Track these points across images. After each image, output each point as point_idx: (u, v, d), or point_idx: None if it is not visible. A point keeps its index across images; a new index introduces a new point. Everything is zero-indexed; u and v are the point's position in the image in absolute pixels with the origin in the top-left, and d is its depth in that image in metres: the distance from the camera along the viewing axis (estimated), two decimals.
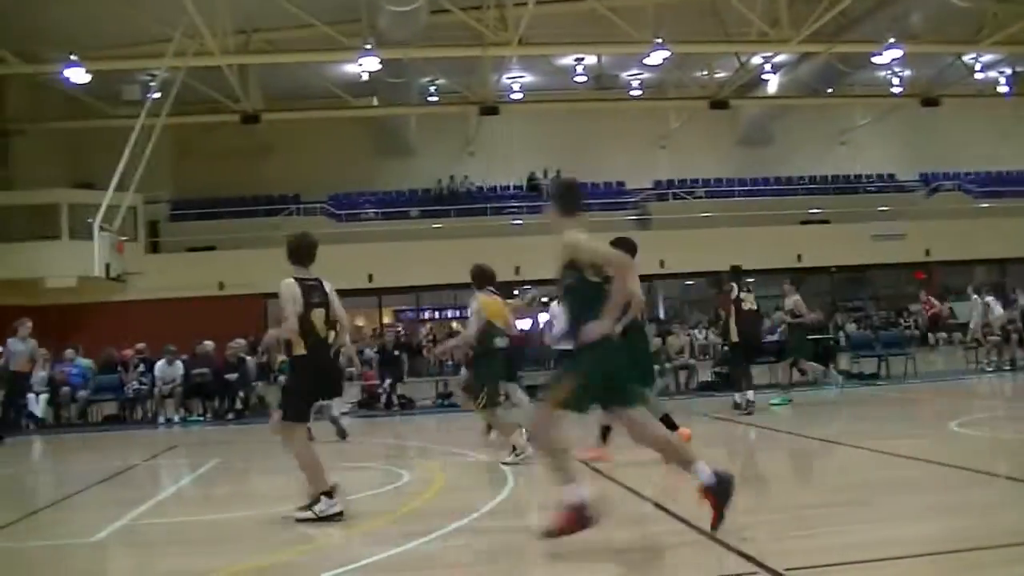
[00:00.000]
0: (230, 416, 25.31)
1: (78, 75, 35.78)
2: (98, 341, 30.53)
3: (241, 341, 26.66)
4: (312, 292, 10.39)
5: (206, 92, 40.42)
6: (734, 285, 20.38)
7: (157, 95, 35.80)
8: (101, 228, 33.03)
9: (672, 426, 13.20)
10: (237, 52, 36.89)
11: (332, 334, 10.47)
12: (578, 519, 8.23)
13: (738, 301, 20.08)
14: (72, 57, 34.52)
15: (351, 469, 14.60)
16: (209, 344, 26.95)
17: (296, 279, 10.47)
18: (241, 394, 25.91)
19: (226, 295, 40.87)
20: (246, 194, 46.82)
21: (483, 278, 14.49)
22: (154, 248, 45.06)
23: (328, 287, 10.63)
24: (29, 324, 22.61)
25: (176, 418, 25.44)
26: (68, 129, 45.32)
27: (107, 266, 33.54)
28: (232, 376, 25.73)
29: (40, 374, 25.94)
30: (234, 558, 8.61)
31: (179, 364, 26.34)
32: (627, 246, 12.30)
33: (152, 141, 35.08)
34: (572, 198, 8.80)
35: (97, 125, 43.02)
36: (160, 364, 26.49)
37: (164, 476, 15.32)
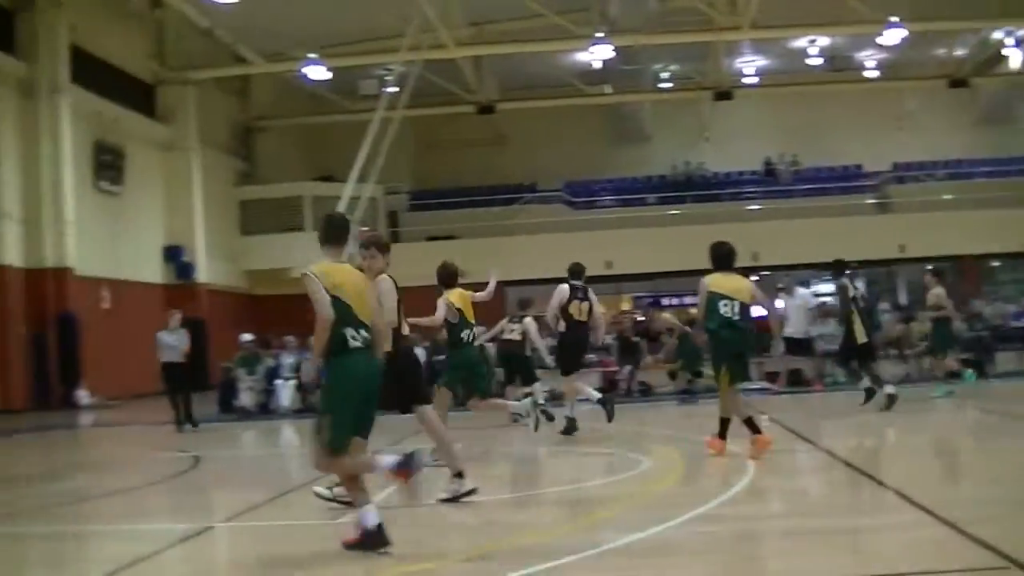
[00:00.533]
0: (470, 402, 25.50)
1: (318, 72, 36.86)
2: None
3: (482, 328, 26.84)
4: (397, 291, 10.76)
5: (442, 84, 41.07)
6: (847, 283, 19.28)
7: (394, 89, 36.51)
8: None
9: (756, 429, 12.90)
10: (470, 44, 37.42)
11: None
12: (369, 540, 8.38)
13: (856, 300, 19.07)
14: (312, 55, 35.47)
15: (590, 455, 14.73)
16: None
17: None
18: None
19: (466, 283, 41.38)
20: (484, 183, 47.38)
21: (450, 276, 14.78)
22: (394, 238, 45.81)
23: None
24: (179, 316, 22.83)
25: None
26: (309, 124, 46.69)
27: (349, 256, 34.43)
28: None
29: (288, 360, 26.64)
30: (474, 540, 8.78)
31: (420, 350, 26.72)
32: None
33: (390, 134, 35.81)
34: (325, 231, 9.32)
35: (337, 120, 44.22)
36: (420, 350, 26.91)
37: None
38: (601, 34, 34.79)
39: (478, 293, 15.11)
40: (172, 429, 21.38)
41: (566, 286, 16.98)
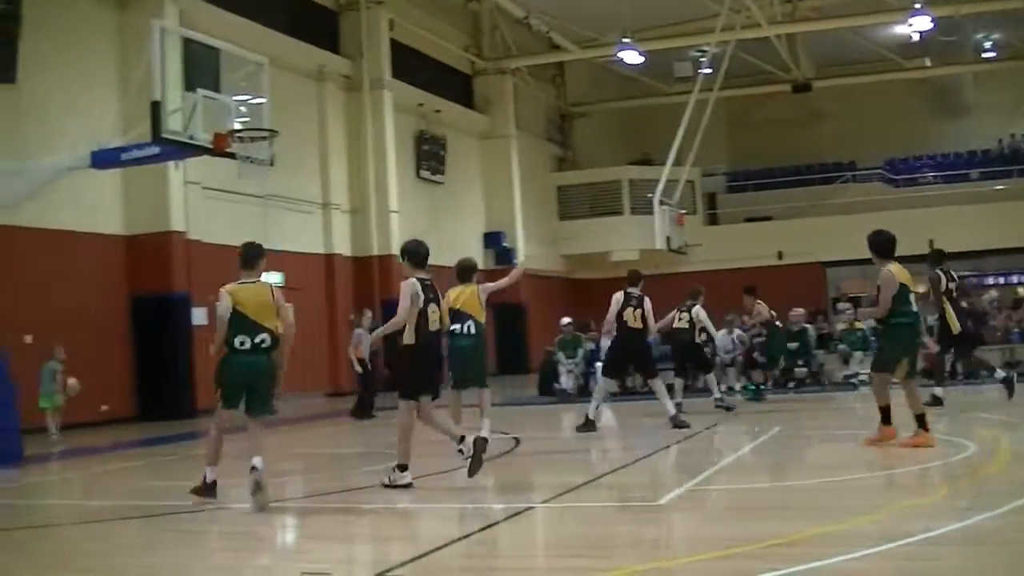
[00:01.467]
0: (790, 384, 25.24)
1: (632, 56, 37.03)
2: (662, 311, 31.41)
3: (800, 310, 26.49)
4: (428, 291, 11.87)
5: (756, 64, 40.80)
6: (940, 273, 17.87)
7: (708, 70, 36.37)
8: (660, 202, 33.97)
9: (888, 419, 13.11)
10: (784, 22, 36.99)
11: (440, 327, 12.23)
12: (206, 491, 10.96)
13: (949, 292, 17.80)
14: (625, 40, 35.67)
15: None
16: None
17: (418, 279, 11.86)
18: (800, 362, 25.79)
19: (785, 264, 41.17)
20: (801, 163, 46.80)
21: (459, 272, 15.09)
22: (712, 220, 45.85)
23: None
24: (370, 314, 23.86)
25: (737, 387, 25.67)
26: (624, 108, 47.02)
27: (668, 239, 34.46)
28: (793, 345, 25.67)
29: (607, 344, 26.88)
30: (796, 525, 8.67)
31: (739, 333, 26.55)
32: None
33: (706, 115, 35.69)
34: (241, 258, 11.25)
35: (651, 103, 44.43)
36: (720, 333, 26.74)
37: (724, 444, 15.60)
38: (919, 5, 33.81)
39: (495, 283, 15.41)
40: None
41: (621, 293, 17.45)
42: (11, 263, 22.65)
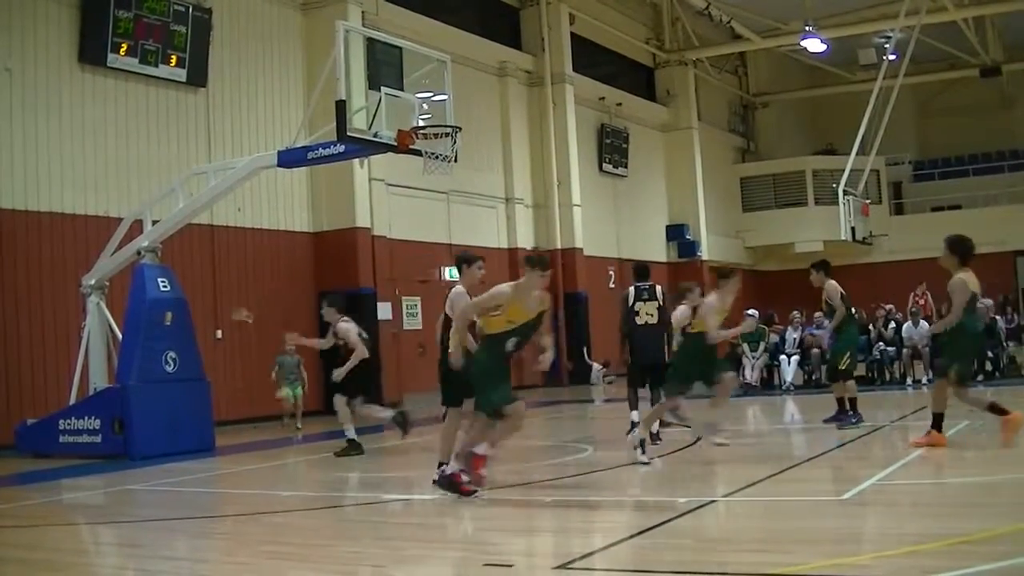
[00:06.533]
0: (979, 377, 24.72)
1: (815, 45, 36.64)
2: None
3: (989, 301, 25.94)
4: None
5: (942, 48, 39.96)
6: None
7: (892, 57, 35.73)
8: (845, 192, 33.51)
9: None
10: (971, 4, 36.17)
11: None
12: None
13: None
14: (808, 28, 35.29)
15: None
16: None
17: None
18: (991, 354, 25.26)
19: (976, 254, 40.26)
20: (991, 150, 45.64)
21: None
22: (898, 209, 45.11)
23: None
24: None
25: (924, 379, 25.25)
26: (807, 98, 46.55)
27: (852, 229, 33.97)
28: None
29: (793, 336, 26.62)
30: (983, 523, 8.51)
31: (924, 324, 26.10)
32: None
33: (891, 103, 35.09)
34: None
35: (835, 91, 43.94)
36: (906, 325, 26.41)
37: (910, 438, 15.35)
38: None
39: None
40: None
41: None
42: (205, 261, 23.34)
